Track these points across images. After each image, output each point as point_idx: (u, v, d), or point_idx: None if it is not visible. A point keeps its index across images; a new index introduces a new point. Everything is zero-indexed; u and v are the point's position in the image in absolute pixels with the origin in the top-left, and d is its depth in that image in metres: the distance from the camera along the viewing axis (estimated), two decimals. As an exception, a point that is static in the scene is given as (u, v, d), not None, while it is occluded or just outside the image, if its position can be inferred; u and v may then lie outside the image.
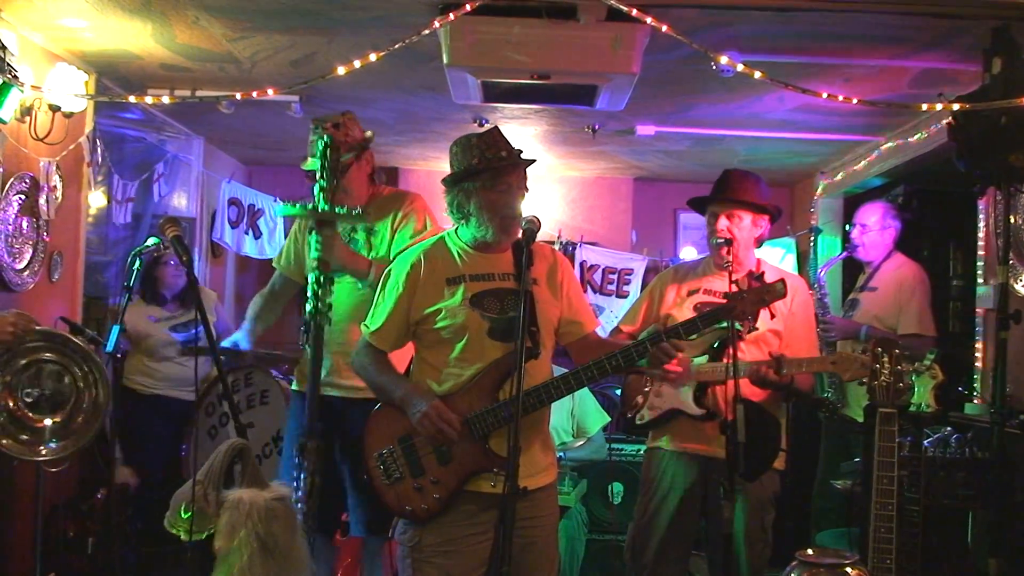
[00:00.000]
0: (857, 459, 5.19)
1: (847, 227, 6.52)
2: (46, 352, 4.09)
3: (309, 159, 4.19)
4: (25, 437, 4.02)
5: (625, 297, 8.26)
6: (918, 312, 5.82)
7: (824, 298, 6.15)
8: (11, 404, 4.02)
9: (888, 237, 6.09)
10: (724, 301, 4.13)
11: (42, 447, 4.13)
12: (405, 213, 4.21)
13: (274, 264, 4.60)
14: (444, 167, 9.02)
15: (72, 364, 4.19)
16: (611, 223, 9.34)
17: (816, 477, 6.12)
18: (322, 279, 3.74)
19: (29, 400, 4.07)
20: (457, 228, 3.59)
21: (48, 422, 4.05)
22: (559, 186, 9.28)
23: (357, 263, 4.05)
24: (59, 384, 4.14)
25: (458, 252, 3.55)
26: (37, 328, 4.00)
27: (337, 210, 3.81)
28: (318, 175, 3.82)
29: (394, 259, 3.76)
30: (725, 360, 3.74)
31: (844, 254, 6.40)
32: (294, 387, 4.44)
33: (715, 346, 4.11)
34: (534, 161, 3.62)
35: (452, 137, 7.50)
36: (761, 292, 3.55)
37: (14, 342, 3.82)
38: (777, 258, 7.97)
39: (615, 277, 8.41)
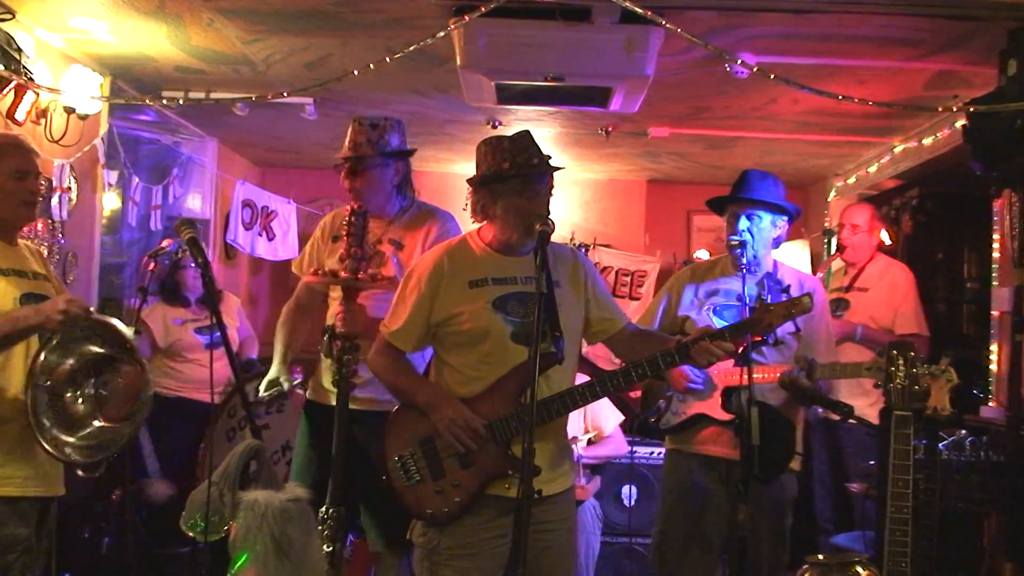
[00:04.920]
0: (871, 462, 5.18)
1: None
2: (94, 346, 3.63)
3: (345, 148, 4.24)
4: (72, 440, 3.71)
5: (639, 299, 8.26)
6: (914, 312, 5.87)
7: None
8: (60, 404, 3.56)
9: (875, 239, 6.15)
10: (739, 303, 4.17)
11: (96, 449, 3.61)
12: (438, 236, 4.16)
13: (295, 270, 4.58)
14: (457, 169, 9.14)
15: (123, 360, 3.68)
16: (624, 225, 9.34)
17: (815, 479, 6.11)
18: (347, 346, 3.78)
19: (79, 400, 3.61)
20: (479, 229, 3.58)
21: (97, 424, 3.59)
22: (572, 188, 9.28)
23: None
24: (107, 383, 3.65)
25: (481, 253, 3.53)
26: (91, 318, 3.54)
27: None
28: (345, 242, 3.84)
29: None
30: (743, 366, 3.74)
31: (835, 255, 6.38)
32: (309, 396, 4.42)
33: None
34: (563, 168, 3.62)
35: (466, 139, 7.64)
36: (789, 306, 3.56)
37: (65, 328, 3.48)
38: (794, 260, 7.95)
39: (628, 279, 8.41)
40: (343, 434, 3.83)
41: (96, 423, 3.59)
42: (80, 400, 3.59)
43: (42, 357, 3.53)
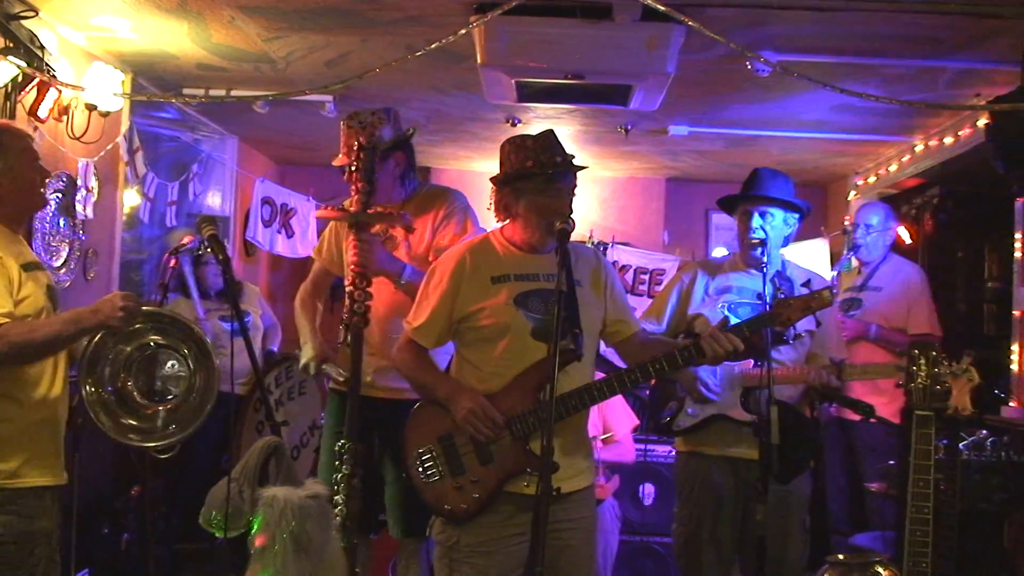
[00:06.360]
0: (891, 461, 5.16)
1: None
2: (152, 335, 3.78)
3: (340, 155, 4.21)
4: (135, 423, 3.81)
5: (657, 298, 8.24)
6: (927, 312, 5.91)
7: (837, 299, 6.14)
8: (123, 392, 3.75)
9: (888, 238, 6.16)
10: (756, 301, 4.15)
11: (156, 434, 3.82)
12: (447, 213, 4.17)
13: (313, 255, 4.60)
14: (476, 166, 9.10)
15: (180, 344, 3.87)
16: (643, 223, 9.32)
17: (828, 479, 6.11)
18: (359, 281, 3.75)
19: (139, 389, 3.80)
20: (502, 227, 3.59)
21: (161, 410, 3.77)
22: (591, 186, 9.25)
23: (393, 266, 4.03)
24: (166, 369, 3.85)
25: (503, 251, 3.54)
26: (144, 309, 3.63)
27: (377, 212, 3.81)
28: (354, 177, 3.81)
29: (436, 258, 3.75)
30: (763, 364, 3.72)
31: (850, 254, 6.36)
32: (331, 386, 4.44)
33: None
34: (586, 167, 3.62)
35: (485, 137, 7.63)
36: (808, 300, 3.56)
37: (124, 326, 3.51)
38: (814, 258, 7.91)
39: (647, 277, 8.38)
40: (359, 373, 3.80)
41: (161, 410, 3.77)
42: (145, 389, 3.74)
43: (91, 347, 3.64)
